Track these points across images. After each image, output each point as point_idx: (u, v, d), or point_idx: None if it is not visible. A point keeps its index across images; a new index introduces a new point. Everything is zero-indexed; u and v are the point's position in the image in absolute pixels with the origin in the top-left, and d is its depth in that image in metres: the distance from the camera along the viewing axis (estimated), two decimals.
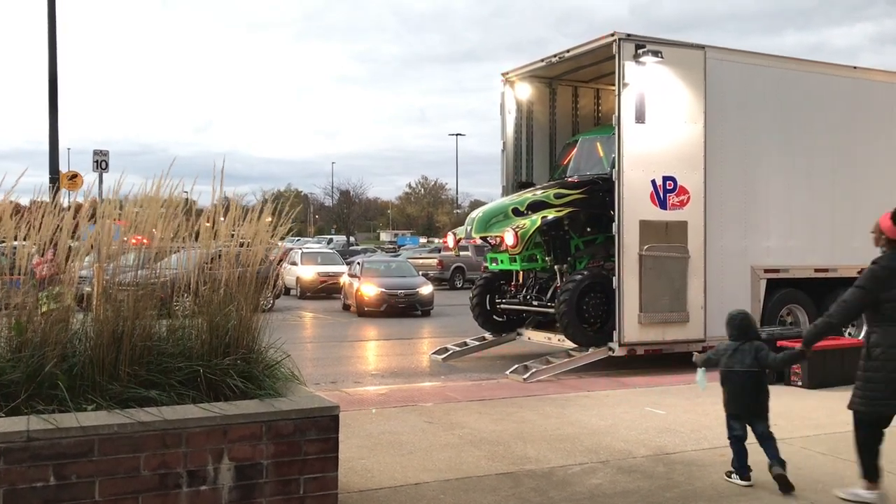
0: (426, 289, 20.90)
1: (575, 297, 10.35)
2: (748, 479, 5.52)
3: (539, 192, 11.32)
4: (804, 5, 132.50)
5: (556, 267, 11.12)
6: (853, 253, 11.86)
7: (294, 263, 27.04)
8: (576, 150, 12.08)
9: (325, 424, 4.67)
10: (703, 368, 5.67)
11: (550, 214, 10.81)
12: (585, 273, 10.69)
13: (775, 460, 5.41)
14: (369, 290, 20.34)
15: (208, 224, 5.41)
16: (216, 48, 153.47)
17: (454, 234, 12.49)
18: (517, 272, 11.92)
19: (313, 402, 4.74)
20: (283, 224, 5.57)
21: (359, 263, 23.52)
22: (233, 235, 5.35)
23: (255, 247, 5.32)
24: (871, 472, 5.19)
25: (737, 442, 5.57)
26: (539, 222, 10.73)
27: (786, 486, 5.35)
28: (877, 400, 5.11)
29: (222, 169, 5.24)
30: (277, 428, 4.54)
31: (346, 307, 21.77)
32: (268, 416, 4.52)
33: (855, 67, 12.21)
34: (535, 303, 11.48)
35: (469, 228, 11.52)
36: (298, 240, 65.02)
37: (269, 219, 5.61)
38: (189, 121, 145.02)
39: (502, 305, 12.19)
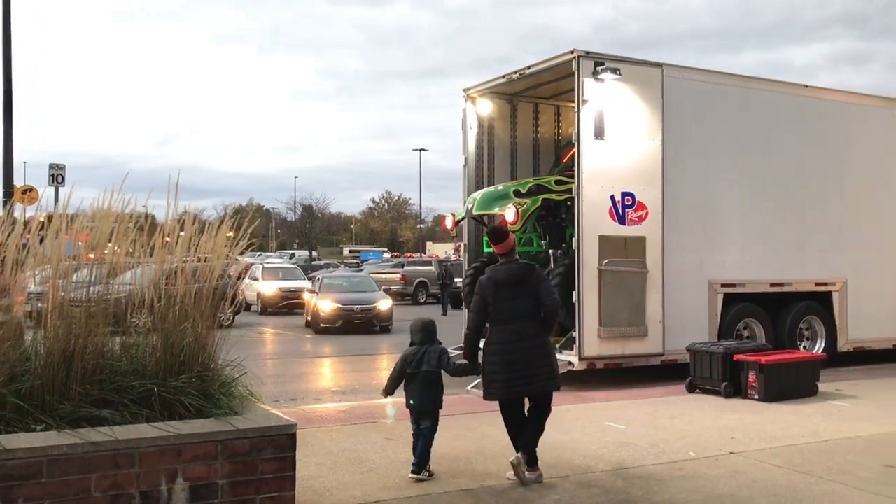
0: (385, 304, 20.49)
1: (566, 280, 10.42)
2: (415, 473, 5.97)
3: (541, 179, 11.54)
4: (763, 25, 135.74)
5: (550, 251, 11.19)
6: (806, 268, 12.14)
7: (255, 279, 26.76)
8: (575, 149, 12.15)
9: (282, 443, 4.62)
10: (393, 404, 6.13)
11: (552, 197, 10.97)
12: None
13: (418, 458, 5.97)
14: (325, 305, 19.94)
15: (168, 239, 5.34)
16: (180, 61, 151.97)
17: (453, 215, 12.46)
18: None
19: (270, 421, 4.68)
20: (242, 239, 5.51)
21: (319, 279, 23.33)
22: (189, 250, 5.27)
23: (212, 262, 5.25)
24: None
25: (416, 436, 6.09)
26: (540, 202, 10.96)
27: (421, 471, 5.94)
28: None
29: (177, 182, 5.16)
30: (233, 447, 4.47)
31: (308, 323, 21.59)
32: (223, 435, 4.46)
33: (806, 86, 12.50)
34: None
35: (470, 207, 11.72)
36: (260, 255, 64.45)
37: (230, 234, 5.55)
38: (151, 134, 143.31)
39: None
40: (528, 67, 11.46)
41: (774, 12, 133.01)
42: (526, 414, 6.17)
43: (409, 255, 70.78)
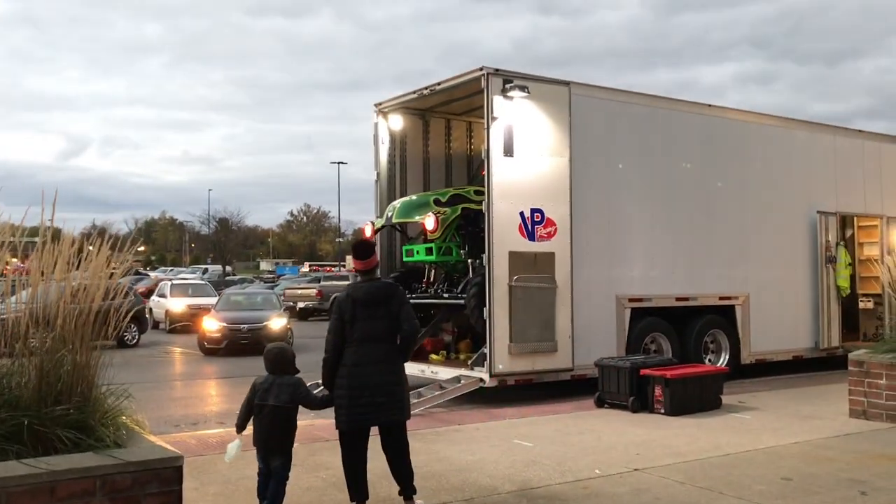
0: (277, 323, 18.85)
1: (482, 291, 10.35)
2: None
3: (460, 189, 11.57)
4: (675, 45, 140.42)
5: (469, 261, 11.12)
6: (710, 282, 12.45)
7: (163, 296, 25.92)
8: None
9: (167, 476, 4.36)
10: (238, 441, 5.39)
11: (471, 207, 10.95)
12: None
13: (270, 501, 5.31)
14: (210, 325, 18.62)
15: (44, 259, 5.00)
16: (93, 69, 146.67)
17: (372, 224, 12.27)
18: (428, 269, 11.96)
19: (154, 453, 4.42)
20: (127, 256, 5.22)
21: (219, 296, 22.62)
22: (70, 270, 4.96)
23: (95, 282, 4.95)
24: None
25: (262, 476, 5.39)
26: (460, 211, 11.01)
27: None
28: None
29: (53, 195, 4.84)
30: (113, 482, 4.19)
31: None
32: (102, 470, 4.18)
33: (710, 105, 12.87)
34: (445, 295, 11.48)
35: (390, 215, 11.62)
36: (171, 270, 62.64)
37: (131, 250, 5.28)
38: (60, 145, 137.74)
39: (411, 300, 12.01)
40: (439, 83, 11.43)
41: (686, 33, 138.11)
42: (380, 452, 5.66)
43: (328, 268, 69.95)
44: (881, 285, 13.37)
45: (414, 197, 11.91)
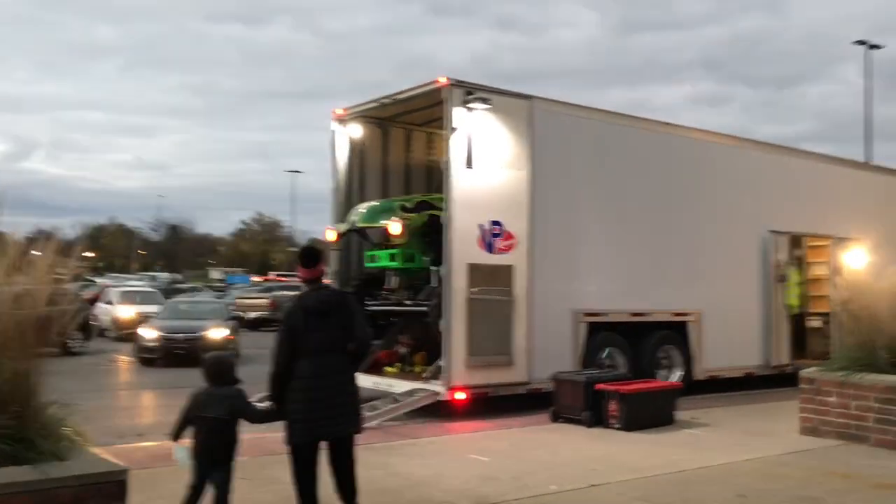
0: (217, 333, 18.07)
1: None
2: None
3: (427, 196, 11.52)
4: (629, 64, 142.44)
5: (432, 269, 10.98)
6: (665, 298, 12.55)
7: (110, 303, 25.28)
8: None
9: (110, 491, 4.17)
10: (179, 446, 5.18)
11: (437, 214, 10.79)
12: None
13: None
14: (146, 333, 17.97)
15: None
16: (44, 72, 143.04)
17: (336, 228, 12.07)
18: (390, 276, 11.81)
19: (97, 466, 4.22)
20: (72, 261, 5.00)
21: (167, 303, 22.05)
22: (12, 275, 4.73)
23: (37, 287, 4.72)
24: None
25: (193, 490, 5.15)
26: (426, 218, 10.90)
27: None
28: None
29: None
30: (53, 497, 4.00)
31: None
32: (41, 485, 3.98)
33: (666, 123, 13.02)
34: (407, 302, 11.36)
35: (354, 219, 11.51)
36: (120, 277, 61.23)
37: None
38: (7, 148, 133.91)
39: (372, 308, 11.95)
40: (400, 93, 11.35)
41: (641, 53, 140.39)
42: (330, 466, 5.48)
43: (280, 277, 69.04)
44: (830, 304, 13.68)
45: (380, 202, 11.84)
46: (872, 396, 8.49)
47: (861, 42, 30.10)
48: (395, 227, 10.81)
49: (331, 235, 12.11)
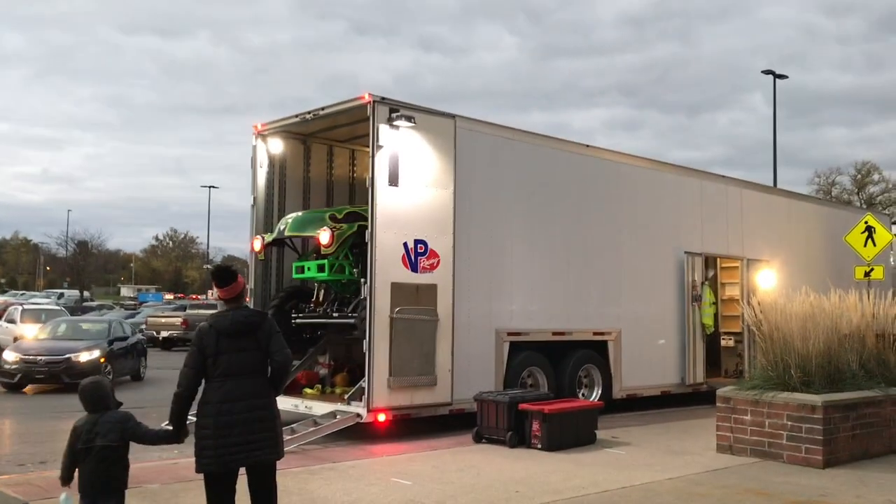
0: (86, 356, 16.52)
1: None
2: None
3: (357, 207, 11.32)
4: (548, 88, 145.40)
5: (362, 280, 10.72)
6: (585, 318, 12.68)
7: (12, 321, 24.04)
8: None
9: None
10: (66, 494, 4.89)
11: (367, 225, 10.54)
12: None
13: None
14: (8, 355, 16.45)
15: None
16: None
17: (262, 238, 11.70)
18: (318, 288, 11.58)
19: None
20: None
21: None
22: None
23: None
24: None
25: None
26: (356, 228, 10.71)
27: None
28: None
29: None
30: None
31: None
32: None
33: (587, 146, 13.22)
34: (335, 314, 11.11)
35: (282, 228, 11.24)
36: (23, 294, 58.49)
37: None
38: None
39: (298, 320, 11.70)
40: (323, 109, 11.18)
41: (559, 78, 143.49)
42: (250, 494, 5.27)
43: (194, 296, 67.33)
44: (742, 324, 14.11)
45: (309, 212, 11.64)
46: (785, 414, 8.73)
47: (769, 72, 31.35)
48: (324, 236, 10.63)
49: (257, 245, 11.81)
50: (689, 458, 9.07)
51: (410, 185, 10.38)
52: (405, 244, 10.26)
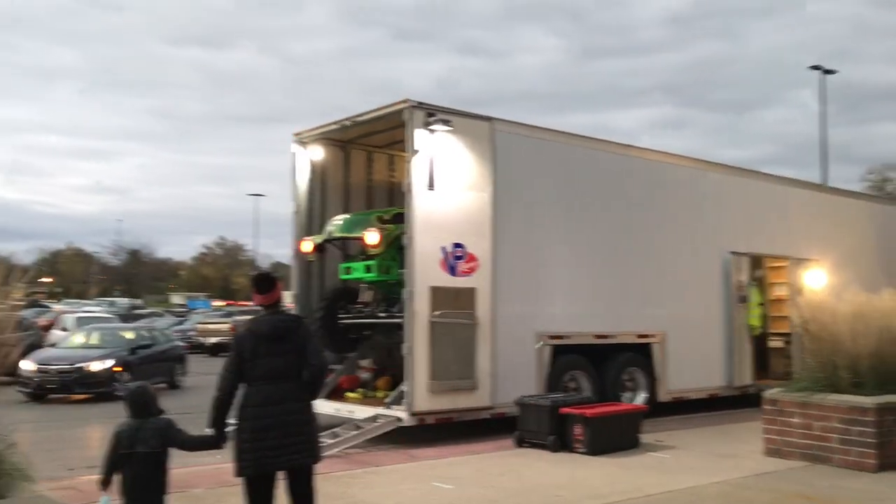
0: (98, 365, 16.40)
1: None
2: None
3: (403, 209, 11.16)
4: (590, 89, 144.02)
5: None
6: (628, 320, 12.53)
7: (65, 329, 24.62)
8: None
9: None
10: (106, 498, 4.94)
11: None
12: None
13: None
14: (26, 365, 16.06)
15: None
16: (1, 96, 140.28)
17: (312, 240, 11.87)
18: (364, 289, 11.66)
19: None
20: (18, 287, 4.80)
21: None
22: None
23: None
24: None
25: None
26: (403, 230, 10.67)
27: None
28: None
29: None
30: None
31: None
32: None
33: (627, 145, 13.07)
34: (382, 314, 11.18)
35: (331, 229, 11.43)
36: (77, 302, 59.97)
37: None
38: None
39: (346, 321, 11.82)
40: (361, 115, 11.24)
41: (601, 78, 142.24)
42: (288, 498, 5.28)
43: (242, 302, 68.22)
44: (790, 325, 13.78)
45: (357, 213, 11.79)
46: (835, 417, 8.50)
47: (816, 67, 30.67)
48: (372, 236, 10.72)
49: (307, 247, 11.95)
50: (736, 461, 8.89)
51: (448, 189, 10.38)
52: (443, 248, 10.25)
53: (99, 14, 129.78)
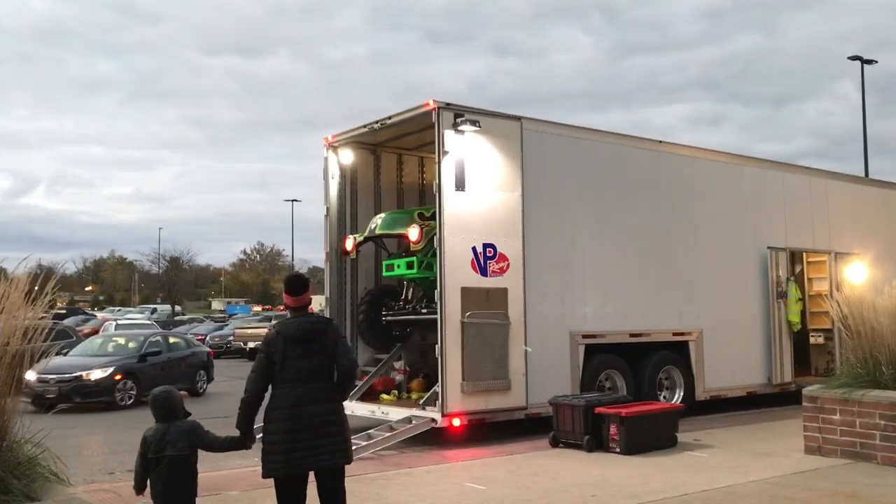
0: (98, 374, 16.04)
1: None
2: None
3: None
4: (626, 87, 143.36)
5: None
6: (664, 318, 12.37)
7: None
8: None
9: None
10: (142, 502, 5.01)
11: None
12: None
13: None
14: (29, 374, 16.35)
15: None
16: (43, 107, 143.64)
17: (354, 238, 12.01)
18: (406, 286, 11.79)
19: None
20: (47, 296, 4.88)
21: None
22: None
23: (10, 323, 4.60)
24: None
25: None
26: None
27: None
28: None
29: None
30: None
31: None
32: None
33: (660, 141, 12.92)
34: (423, 311, 11.24)
35: (373, 227, 11.57)
36: (120, 310, 61.12)
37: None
38: (7, 184, 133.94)
39: (388, 317, 11.98)
40: (390, 118, 11.27)
41: (636, 75, 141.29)
42: (320, 499, 5.28)
43: (280, 308, 68.89)
44: (831, 320, 13.48)
45: (398, 211, 11.91)
46: (878, 413, 8.29)
47: (856, 58, 30.00)
48: (413, 232, 10.85)
49: (349, 244, 12.04)
50: (775, 459, 8.72)
51: (477, 190, 10.35)
52: (473, 248, 10.23)
53: (136, 25, 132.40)
